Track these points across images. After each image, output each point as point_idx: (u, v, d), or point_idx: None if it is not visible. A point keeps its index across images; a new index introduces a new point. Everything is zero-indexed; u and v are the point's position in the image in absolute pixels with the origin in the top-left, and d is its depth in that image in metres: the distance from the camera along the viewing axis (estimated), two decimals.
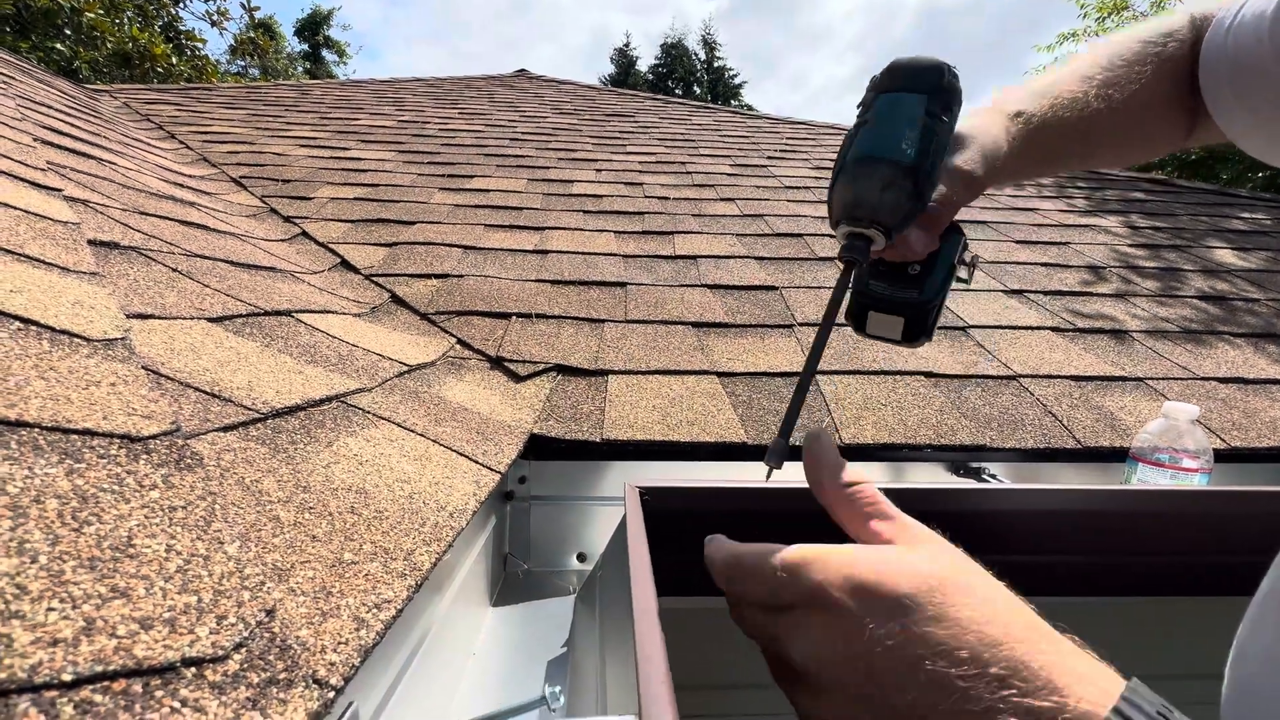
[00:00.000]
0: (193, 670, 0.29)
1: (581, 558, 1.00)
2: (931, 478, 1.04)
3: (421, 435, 0.75)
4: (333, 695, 0.32)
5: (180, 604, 0.31)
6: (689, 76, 27.22)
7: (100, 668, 0.26)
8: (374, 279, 1.47)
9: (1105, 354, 1.38)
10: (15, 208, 0.76)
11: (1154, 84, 0.54)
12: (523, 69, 5.65)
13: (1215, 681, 0.41)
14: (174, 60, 8.21)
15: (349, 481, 0.56)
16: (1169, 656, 0.79)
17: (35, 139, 1.28)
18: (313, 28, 20.95)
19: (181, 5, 9.40)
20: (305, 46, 21.08)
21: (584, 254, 1.75)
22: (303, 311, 1.01)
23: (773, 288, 1.61)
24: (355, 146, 2.77)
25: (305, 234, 1.70)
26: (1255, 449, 1.07)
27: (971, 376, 1.25)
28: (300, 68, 20.25)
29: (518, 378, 1.14)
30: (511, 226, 1.93)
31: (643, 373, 1.18)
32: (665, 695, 0.28)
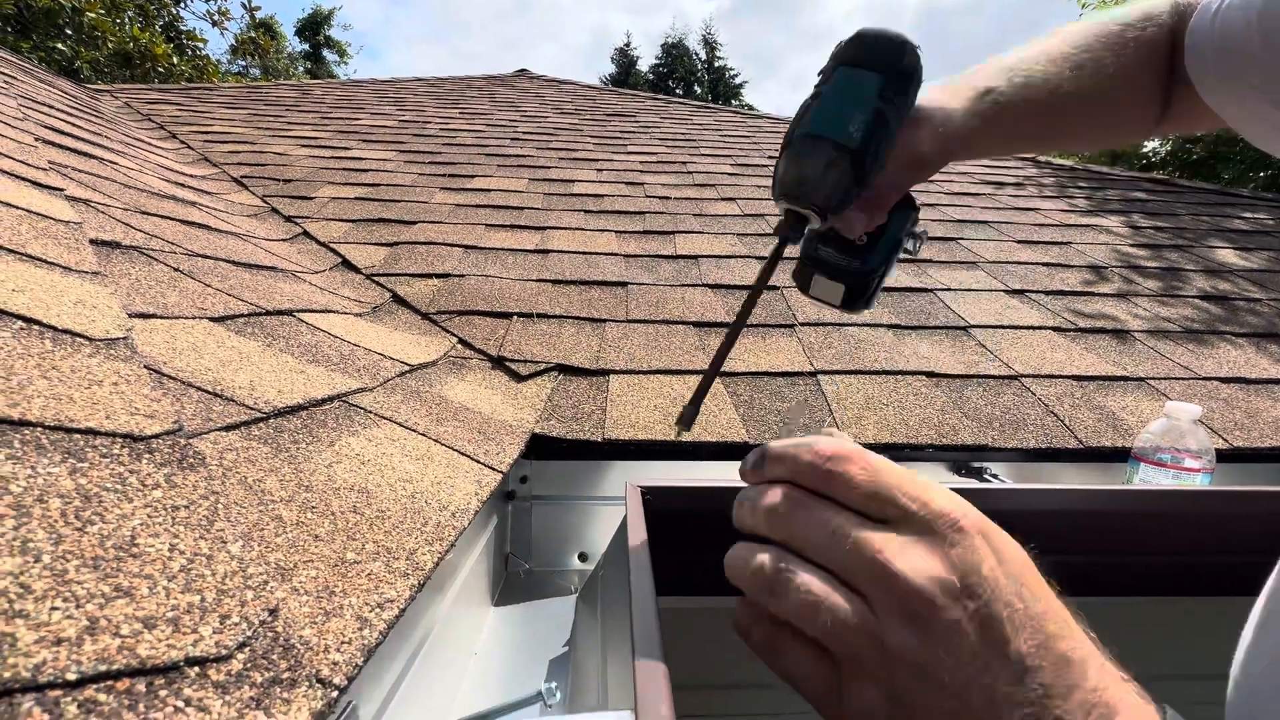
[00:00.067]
0: (196, 670, 0.29)
1: (583, 557, 1.00)
2: (933, 478, 1.04)
3: (423, 435, 0.75)
4: (336, 695, 0.32)
5: (184, 603, 0.32)
6: (689, 76, 27.21)
7: (104, 667, 0.26)
8: (375, 279, 1.47)
9: (1107, 354, 1.38)
10: (17, 207, 0.76)
11: (1129, 69, 0.53)
12: (523, 69, 5.65)
13: (1215, 681, 0.41)
14: (175, 60, 8.23)
15: (351, 481, 0.56)
16: (1169, 656, 0.79)
17: (37, 139, 1.28)
18: (313, 27, 20.95)
19: (182, 5, 9.42)
20: (306, 46, 21.09)
21: (585, 254, 1.75)
22: (304, 311, 1.01)
23: (774, 287, 1.60)
24: (356, 146, 2.77)
25: (306, 234, 1.70)
26: (1258, 449, 1.07)
27: (973, 376, 1.25)
28: (301, 68, 20.25)
29: (519, 377, 1.14)
30: (512, 226, 1.93)
31: (644, 372, 1.18)
32: (662, 691, 0.28)
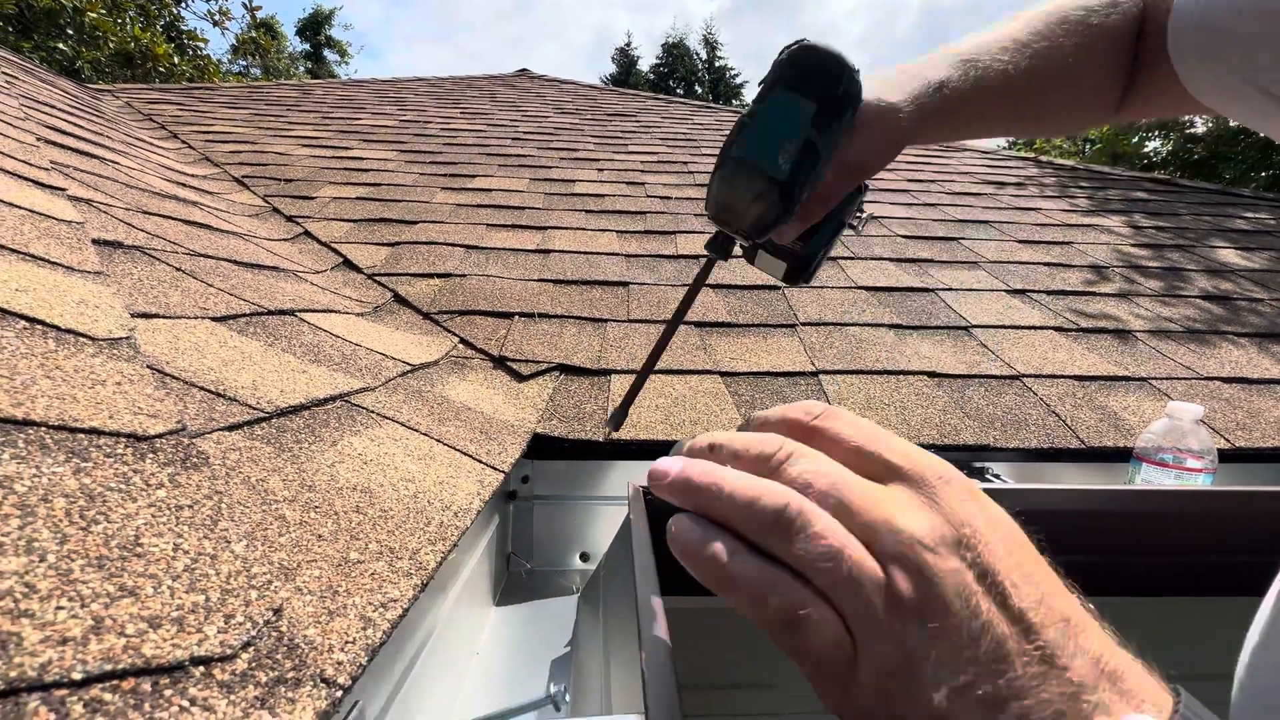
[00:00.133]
0: (201, 669, 0.29)
1: (584, 557, 1.00)
2: None
3: (425, 435, 0.75)
4: (340, 694, 0.32)
5: (188, 603, 0.32)
6: (690, 76, 27.20)
7: (109, 666, 0.26)
8: (376, 278, 1.47)
9: (1109, 354, 1.38)
10: (20, 207, 0.76)
11: (1091, 56, 0.52)
12: (524, 69, 5.65)
13: (1214, 682, 0.41)
14: (176, 60, 8.23)
15: (354, 481, 0.56)
16: (1169, 656, 0.79)
17: (39, 138, 1.28)
18: (314, 27, 20.96)
19: (183, 5, 9.43)
20: (307, 46, 21.10)
21: (586, 253, 1.75)
22: (306, 311, 1.01)
23: (775, 287, 1.60)
24: (357, 146, 2.77)
25: (308, 233, 1.71)
26: (1260, 449, 1.07)
27: (975, 376, 1.24)
28: (302, 67, 20.27)
29: (520, 377, 1.14)
30: (514, 226, 1.93)
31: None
32: (671, 695, 0.28)
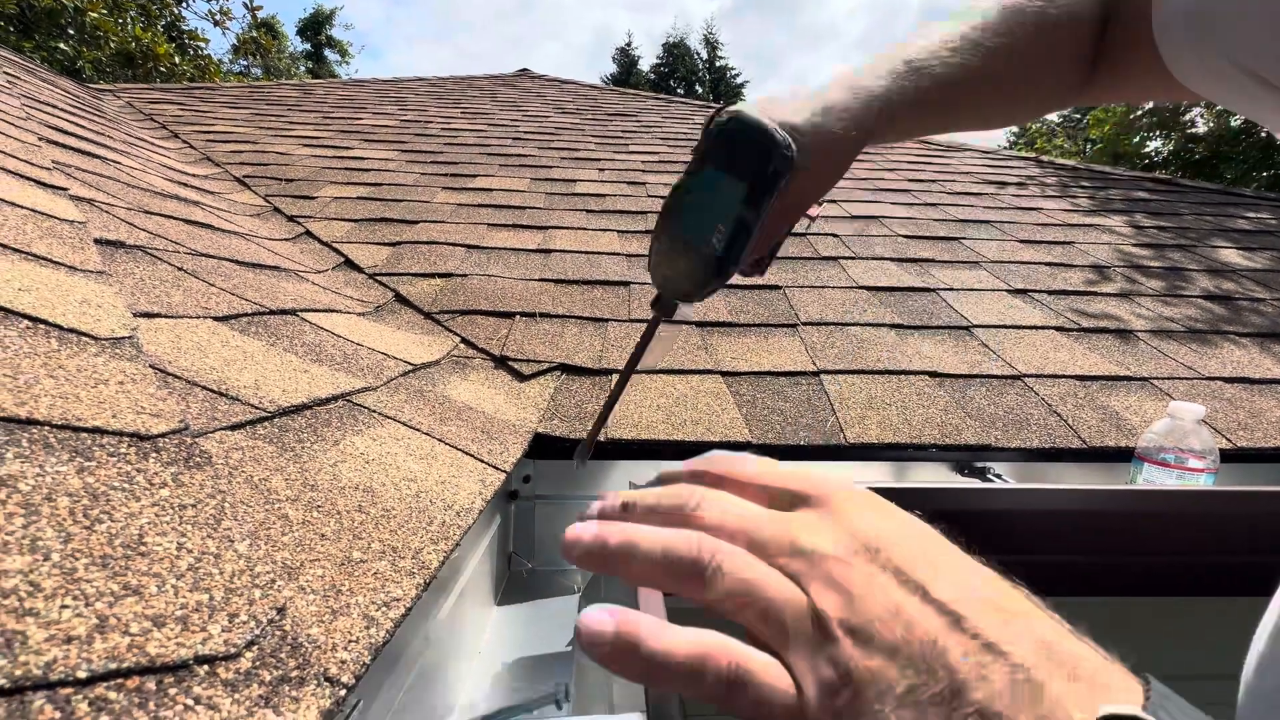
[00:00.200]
0: (205, 668, 0.29)
1: None
2: (937, 477, 1.05)
3: (427, 434, 0.75)
4: (344, 693, 0.32)
5: (192, 602, 0.32)
6: (691, 76, 27.18)
7: (114, 665, 0.27)
8: (378, 278, 1.47)
9: (1110, 354, 1.38)
10: (22, 206, 0.76)
11: (1048, 48, 0.50)
12: (525, 68, 5.65)
13: (1215, 682, 0.41)
14: (177, 60, 8.24)
15: (356, 480, 0.56)
16: (1169, 657, 0.79)
17: (40, 138, 1.28)
18: (315, 27, 20.95)
19: (184, 5, 9.43)
20: (308, 46, 21.09)
21: (587, 253, 1.75)
22: (307, 310, 1.01)
23: (776, 287, 1.60)
24: (358, 146, 2.77)
25: (309, 233, 1.71)
26: (1261, 449, 1.07)
27: (976, 376, 1.24)
28: (303, 67, 20.26)
29: (522, 377, 1.14)
30: (515, 226, 1.93)
31: (647, 372, 1.18)
32: (674, 696, 0.28)
